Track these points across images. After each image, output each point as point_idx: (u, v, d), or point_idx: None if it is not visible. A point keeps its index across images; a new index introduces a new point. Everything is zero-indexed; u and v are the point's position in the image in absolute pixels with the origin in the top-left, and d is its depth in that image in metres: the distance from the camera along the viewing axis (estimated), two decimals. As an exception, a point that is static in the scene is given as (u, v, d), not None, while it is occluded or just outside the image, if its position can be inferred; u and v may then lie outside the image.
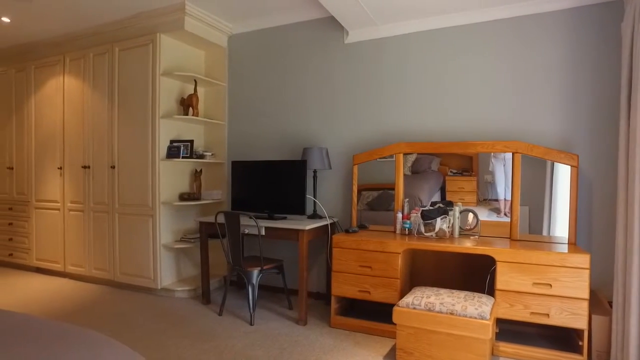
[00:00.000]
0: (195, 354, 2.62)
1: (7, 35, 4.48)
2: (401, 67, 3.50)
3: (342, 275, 3.05)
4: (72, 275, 4.43)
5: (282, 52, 3.96)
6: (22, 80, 4.81)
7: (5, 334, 1.50)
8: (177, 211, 4.01)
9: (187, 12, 3.64)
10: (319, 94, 3.80)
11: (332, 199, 3.75)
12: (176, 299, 3.73)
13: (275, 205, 3.49)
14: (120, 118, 3.99)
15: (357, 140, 3.66)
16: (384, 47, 3.56)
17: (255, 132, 4.09)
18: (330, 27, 3.74)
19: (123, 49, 3.98)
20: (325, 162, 3.53)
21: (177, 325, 3.12)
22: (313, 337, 2.92)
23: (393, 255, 2.87)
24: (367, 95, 3.62)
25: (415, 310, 2.42)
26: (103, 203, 4.13)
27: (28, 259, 4.77)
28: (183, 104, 3.92)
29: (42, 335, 1.50)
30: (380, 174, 3.43)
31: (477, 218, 3.07)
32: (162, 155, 3.79)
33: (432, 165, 3.30)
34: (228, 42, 4.22)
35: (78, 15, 3.88)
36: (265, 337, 2.91)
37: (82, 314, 3.35)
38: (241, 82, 4.17)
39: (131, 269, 3.95)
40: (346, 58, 3.70)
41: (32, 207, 4.72)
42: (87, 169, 4.24)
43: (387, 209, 3.40)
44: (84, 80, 4.25)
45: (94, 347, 1.42)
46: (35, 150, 4.69)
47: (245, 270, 3.16)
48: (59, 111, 4.47)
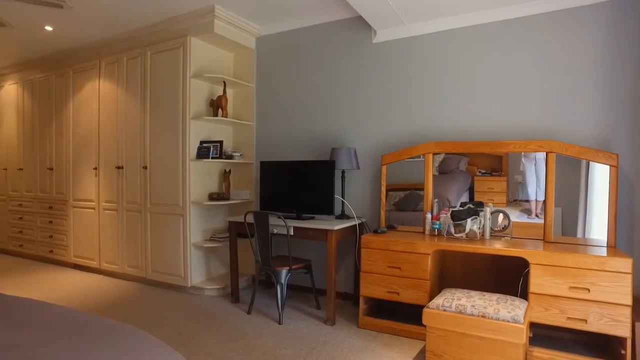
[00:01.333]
0: (225, 352, 2.66)
1: (49, 43, 4.69)
2: (430, 66, 3.45)
3: (371, 276, 3.03)
4: (106, 272, 4.58)
5: (310, 52, 3.98)
6: (61, 85, 5.01)
7: (54, 326, 1.57)
8: (206, 211, 4.09)
9: (216, 15, 3.71)
10: (347, 94, 3.80)
11: (360, 199, 3.73)
12: (206, 297, 3.80)
13: (304, 205, 3.50)
14: (152, 119, 4.10)
15: (385, 140, 3.63)
16: (413, 46, 3.52)
17: (283, 133, 4.12)
18: (358, 27, 3.73)
19: (155, 53, 4.09)
20: (353, 162, 3.52)
21: (207, 322, 3.18)
22: (341, 337, 2.92)
23: (422, 256, 2.83)
24: (396, 94, 3.59)
25: (445, 313, 2.38)
26: (135, 202, 4.25)
27: (66, 256, 4.96)
28: (212, 106, 3.99)
29: (87, 329, 1.55)
30: (408, 174, 3.39)
31: (509, 219, 3.00)
32: (192, 156, 3.87)
33: (460, 165, 3.24)
34: (256, 43, 4.27)
35: (113, 21, 4.01)
36: (294, 336, 2.93)
37: (117, 310, 3.45)
38: (269, 83, 4.21)
39: (162, 267, 4.05)
40: (374, 58, 3.67)
41: (70, 206, 4.91)
42: (121, 170, 4.37)
43: (414, 209, 3.36)
44: (117, 84, 4.39)
45: (134, 343, 1.46)
46: (73, 151, 4.88)
47: (274, 269, 3.19)
48: (94, 114, 4.63)
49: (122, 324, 1.64)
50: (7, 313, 1.77)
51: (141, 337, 1.50)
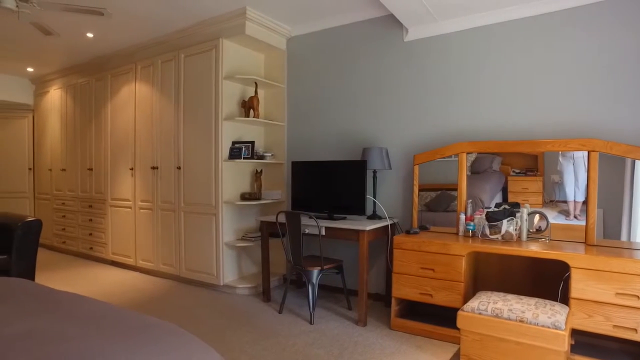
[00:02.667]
0: (258, 350, 2.69)
1: (90, 49, 4.89)
2: (463, 64, 3.37)
3: (403, 277, 3.00)
4: (142, 269, 4.73)
5: (341, 52, 3.97)
6: (100, 88, 5.21)
7: (99, 321, 1.62)
8: (238, 210, 4.14)
9: (247, 17, 3.75)
10: (379, 93, 3.76)
11: (392, 199, 3.69)
12: (238, 296, 3.85)
13: (335, 205, 3.50)
14: (185, 121, 4.20)
15: (418, 139, 3.58)
16: (445, 43, 3.45)
17: (314, 133, 4.13)
18: (389, 25, 3.69)
19: (188, 55, 4.18)
20: (385, 162, 3.48)
21: (239, 321, 3.22)
22: (373, 338, 2.90)
23: (456, 258, 2.77)
24: (428, 93, 3.53)
25: (481, 316, 2.32)
26: (170, 202, 4.36)
27: (105, 253, 5.15)
28: (244, 106, 4.04)
29: (129, 324, 1.60)
30: (439, 174, 3.33)
31: (547, 220, 2.89)
32: (224, 156, 3.94)
33: (494, 164, 3.15)
34: (287, 44, 4.30)
35: (148, 26, 4.13)
36: (325, 336, 2.93)
37: (153, 306, 3.56)
38: (300, 84, 4.22)
39: (195, 265, 4.14)
40: (406, 56, 3.63)
41: (108, 205, 5.09)
42: (156, 170, 4.49)
43: (445, 209, 3.30)
44: (152, 86, 4.52)
45: (173, 340, 1.49)
46: (111, 152, 5.06)
47: (306, 269, 3.20)
48: (131, 116, 4.79)
49: (162, 321, 1.68)
50: (57, 306, 1.85)
51: (180, 335, 1.53)
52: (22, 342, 1.43)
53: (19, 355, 1.32)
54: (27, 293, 2.06)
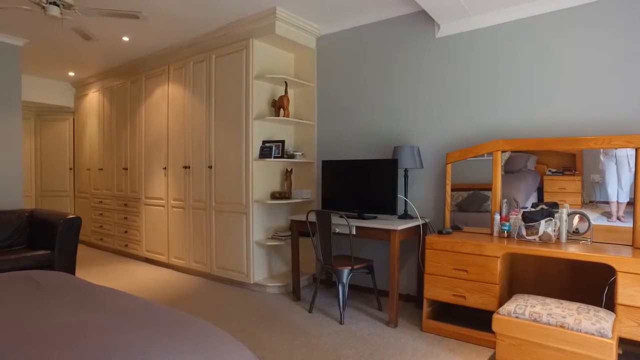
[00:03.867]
0: (288, 349, 2.69)
1: (125, 53, 5.04)
2: (497, 59, 3.27)
3: (435, 278, 2.93)
4: (174, 266, 4.83)
5: (371, 50, 3.93)
6: (135, 90, 5.36)
7: (135, 315, 1.66)
8: (268, 209, 4.17)
9: (277, 17, 3.77)
10: (410, 91, 3.70)
11: (423, 199, 3.63)
12: (267, 294, 3.87)
13: (366, 204, 3.46)
14: (216, 121, 4.26)
15: (450, 138, 3.49)
16: (478, 38, 3.35)
17: (344, 132, 4.11)
18: (420, 21, 3.62)
19: (219, 56, 4.24)
20: (416, 161, 3.42)
21: (269, 319, 3.24)
22: (404, 340, 2.85)
23: (491, 259, 2.69)
24: (461, 90, 3.44)
25: (518, 320, 2.23)
26: (201, 201, 4.43)
27: (139, 250, 5.30)
28: (274, 106, 4.07)
29: (163, 320, 1.63)
30: (471, 174, 3.24)
31: (589, 222, 2.76)
32: (255, 156, 3.97)
33: (528, 163, 3.04)
34: (316, 43, 4.29)
35: (181, 29, 4.21)
36: (356, 337, 2.90)
37: (185, 303, 3.62)
38: (330, 82, 4.21)
39: (226, 263, 4.19)
40: (438, 53, 3.55)
41: (142, 203, 5.24)
42: (188, 169, 4.58)
43: (478, 210, 3.20)
44: (185, 87, 4.61)
45: (207, 337, 1.51)
46: (145, 152, 5.20)
47: (336, 269, 3.18)
48: (164, 116, 4.90)
49: (196, 317, 1.71)
50: (96, 300, 1.91)
51: (214, 332, 1.55)
52: (67, 333, 1.48)
53: (63, 345, 1.37)
54: (70, 286, 2.14)
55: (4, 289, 2.08)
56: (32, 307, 1.80)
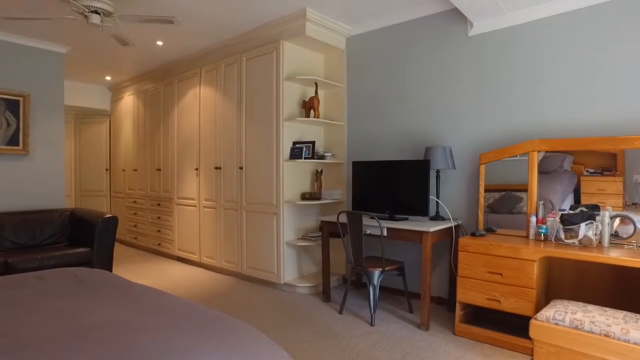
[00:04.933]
0: (319, 350, 2.70)
1: (159, 57, 5.19)
2: (533, 57, 3.17)
3: (469, 281, 2.87)
4: (205, 265, 4.93)
5: (401, 50, 3.89)
6: (168, 93, 5.51)
7: (175, 314, 1.71)
8: (299, 210, 4.19)
9: (307, 18, 3.78)
10: (441, 91, 3.64)
11: (456, 200, 3.56)
12: (297, 295, 3.90)
13: (396, 205, 3.43)
14: (247, 122, 4.32)
15: (483, 138, 3.42)
16: (513, 36, 3.26)
17: (374, 132, 4.08)
18: (452, 20, 3.56)
19: (249, 58, 4.30)
20: (449, 162, 3.37)
21: (299, 320, 3.25)
22: (436, 344, 2.81)
23: (528, 263, 2.61)
24: (494, 90, 3.36)
25: (557, 327, 2.16)
26: (232, 201, 4.50)
27: (172, 249, 5.43)
28: (305, 107, 4.09)
29: (201, 319, 1.67)
30: (503, 174, 3.16)
31: (635, 225, 2.64)
32: (285, 156, 4.00)
33: (565, 164, 2.93)
34: (346, 43, 4.29)
35: (212, 32, 4.29)
36: (386, 339, 2.88)
37: (217, 301, 3.69)
38: (360, 83, 4.19)
39: (257, 263, 4.24)
40: (470, 52, 3.48)
41: (175, 203, 5.37)
42: (219, 170, 4.66)
43: (510, 211, 3.12)
44: (216, 89, 4.70)
45: (244, 337, 1.53)
46: (177, 153, 5.33)
47: (367, 270, 3.17)
48: (195, 118, 5.01)
49: (231, 317, 1.73)
50: (134, 297, 1.97)
51: (250, 332, 1.57)
52: (111, 330, 1.53)
53: (105, 342, 1.42)
54: (110, 284, 2.22)
55: (53, 285, 2.18)
56: (79, 303, 1.87)
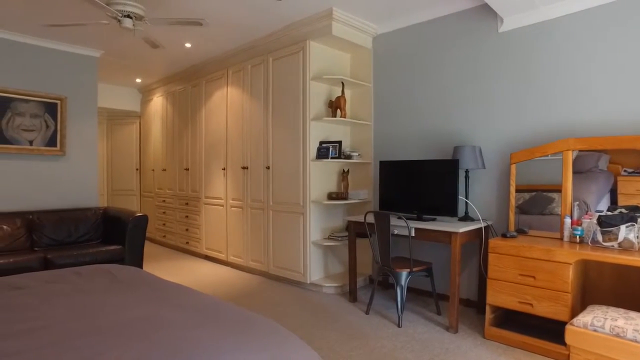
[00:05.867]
0: (346, 350, 2.69)
1: (187, 58, 5.29)
2: (568, 52, 3.06)
3: (499, 284, 2.80)
4: (233, 264, 4.99)
5: (429, 48, 3.83)
6: (196, 94, 5.61)
7: (205, 311, 1.73)
8: (325, 210, 4.19)
9: (334, 18, 3.78)
10: (471, 89, 3.57)
11: (485, 200, 3.48)
12: (324, 295, 3.90)
13: (424, 206, 3.39)
14: (274, 122, 4.35)
15: (514, 137, 3.33)
16: (547, 31, 3.16)
17: (401, 132, 4.04)
18: (481, 16, 3.48)
19: (276, 58, 4.33)
20: (478, 161, 3.30)
21: (326, 319, 3.25)
22: (465, 347, 2.75)
23: (562, 266, 2.53)
24: (525, 87, 3.27)
25: (596, 334, 2.08)
26: (259, 201, 4.55)
27: (199, 247, 5.53)
28: (331, 106, 4.08)
29: (231, 317, 1.69)
30: (534, 174, 3.07)
31: (678, 227, 2.51)
32: (312, 156, 4.01)
33: (600, 163, 2.82)
34: (373, 42, 4.26)
35: (239, 33, 4.34)
36: (414, 340, 2.84)
37: (244, 300, 3.73)
38: (387, 82, 4.16)
39: (283, 262, 4.27)
40: (500, 48, 3.40)
41: (202, 203, 5.46)
42: (246, 170, 4.72)
43: (541, 212, 3.02)
44: (243, 90, 4.75)
45: (274, 336, 1.54)
46: (205, 153, 5.42)
47: (394, 271, 3.14)
48: (223, 118, 5.08)
49: (261, 316, 1.75)
50: (166, 295, 2.01)
51: (280, 331, 1.58)
52: (140, 326, 1.57)
53: (138, 338, 1.45)
54: (142, 281, 2.27)
55: (90, 280, 2.25)
56: (113, 299, 1.93)
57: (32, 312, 1.74)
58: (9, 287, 2.15)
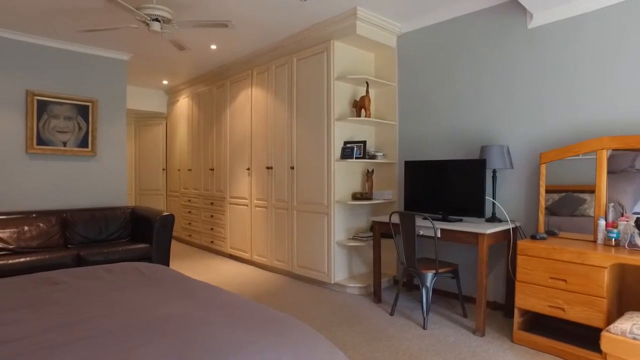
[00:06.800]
0: (371, 351, 2.67)
1: (213, 60, 5.37)
2: (600, 47, 2.96)
3: (529, 287, 2.73)
4: (257, 263, 5.03)
5: (455, 46, 3.77)
6: (220, 95, 5.69)
7: (233, 310, 1.76)
8: (349, 210, 4.18)
9: (358, 17, 3.76)
10: (498, 87, 3.49)
11: (513, 201, 3.40)
12: (348, 295, 3.89)
13: (450, 206, 3.33)
14: (298, 122, 4.36)
15: (543, 136, 3.24)
16: (579, 26, 3.06)
17: (426, 131, 3.99)
18: (509, 12, 3.40)
19: (300, 59, 4.34)
20: (506, 161, 3.22)
21: (350, 320, 3.24)
22: (493, 351, 2.69)
23: (597, 270, 2.44)
24: (556, 85, 3.17)
25: (636, 342, 2.00)
26: (283, 201, 4.57)
27: (224, 247, 5.60)
28: (356, 106, 4.07)
29: (258, 316, 1.70)
30: (563, 174, 2.97)
31: None
32: (336, 156, 4.00)
33: (636, 163, 2.70)
34: (397, 41, 4.22)
35: (264, 34, 4.38)
36: (440, 343, 2.80)
37: (268, 299, 3.76)
38: (411, 81, 4.11)
39: (307, 262, 4.28)
40: (530, 45, 3.31)
41: (227, 202, 5.53)
42: (270, 170, 4.75)
43: (571, 213, 2.93)
44: (267, 90, 4.79)
45: (301, 336, 1.54)
46: (230, 153, 5.49)
47: (420, 272, 3.10)
48: (247, 119, 5.13)
49: (288, 315, 1.75)
50: (194, 293, 2.04)
51: (307, 331, 1.58)
52: (170, 324, 1.60)
53: (168, 336, 1.48)
54: (171, 279, 2.32)
55: (121, 278, 2.31)
56: (143, 296, 1.97)
57: (68, 307, 1.80)
58: (47, 282, 2.23)
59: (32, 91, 4.32)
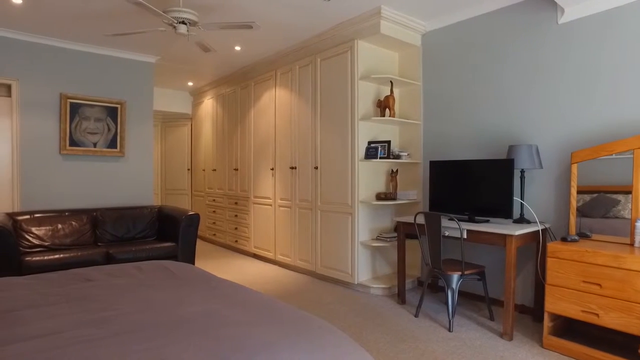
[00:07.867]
0: (395, 353, 2.65)
1: (237, 61, 5.43)
2: (635, 42, 2.84)
3: (560, 290, 2.65)
4: (280, 263, 5.06)
5: (481, 44, 3.70)
6: (245, 96, 5.75)
7: (261, 309, 1.77)
8: (374, 210, 4.16)
9: (382, 16, 3.73)
10: (527, 85, 3.41)
11: (542, 202, 3.31)
12: (372, 296, 3.86)
13: (477, 207, 3.27)
14: (322, 122, 4.37)
15: (574, 135, 3.14)
16: (614, 19, 2.95)
17: (452, 131, 3.93)
18: (538, 8, 3.31)
19: (324, 59, 4.34)
20: (535, 161, 3.14)
21: (374, 321, 3.22)
22: (522, 355, 2.63)
23: (635, 274, 2.35)
24: (587, 81, 3.07)
25: (673, 346, 1.91)
26: (307, 201, 4.58)
27: (248, 246, 5.66)
28: (380, 106, 4.04)
29: (285, 316, 1.71)
30: (595, 174, 2.87)
31: None
32: (360, 156, 3.98)
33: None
34: (422, 40, 4.17)
35: (288, 35, 4.40)
36: (466, 346, 2.75)
37: (292, 299, 3.77)
38: (436, 80, 4.06)
39: (331, 262, 4.27)
40: (560, 41, 3.21)
41: (251, 202, 5.59)
42: (294, 170, 4.77)
43: (604, 215, 2.82)
44: (291, 91, 4.81)
45: (326, 336, 1.54)
46: (254, 153, 5.54)
47: (445, 273, 3.05)
48: (271, 119, 5.17)
49: (314, 316, 1.76)
50: (221, 292, 2.07)
51: (333, 332, 1.58)
52: (198, 322, 1.62)
53: (197, 333, 1.50)
54: (198, 278, 2.35)
55: (150, 276, 2.37)
56: (172, 294, 2.01)
57: (101, 303, 1.86)
58: (81, 278, 2.31)
59: (65, 94, 4.47)
